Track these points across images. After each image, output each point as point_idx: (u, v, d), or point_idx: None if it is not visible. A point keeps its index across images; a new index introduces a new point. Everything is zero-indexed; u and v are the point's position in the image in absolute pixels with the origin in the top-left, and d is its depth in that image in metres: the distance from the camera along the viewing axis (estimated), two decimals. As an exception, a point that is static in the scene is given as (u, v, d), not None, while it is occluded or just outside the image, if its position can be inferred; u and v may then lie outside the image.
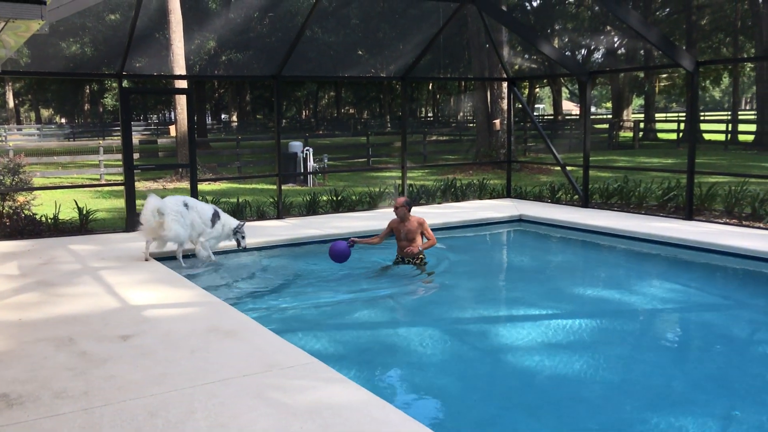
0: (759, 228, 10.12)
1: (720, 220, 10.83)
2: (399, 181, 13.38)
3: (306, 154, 18.80)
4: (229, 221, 8.42)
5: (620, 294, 7.81)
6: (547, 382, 5.20)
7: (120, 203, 13.80)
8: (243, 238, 8.35)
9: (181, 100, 19.75)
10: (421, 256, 8.42)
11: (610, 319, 6.76)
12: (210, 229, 8.28)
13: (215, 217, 8.33)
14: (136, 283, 7.27)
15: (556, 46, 31.57)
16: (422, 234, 8.44)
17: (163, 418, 3.95)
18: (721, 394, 4.98)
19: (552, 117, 48.09)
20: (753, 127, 32.14)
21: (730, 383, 5.20)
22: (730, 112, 40.66)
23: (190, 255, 8.56)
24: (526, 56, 36.08)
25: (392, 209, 8.68)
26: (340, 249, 7.93)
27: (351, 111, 67.43)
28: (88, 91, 52.90)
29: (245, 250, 8.33)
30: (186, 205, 8.30)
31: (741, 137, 31.48)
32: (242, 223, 8.51)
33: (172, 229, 7.98)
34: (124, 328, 5.65)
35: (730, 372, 5.45)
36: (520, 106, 15.21)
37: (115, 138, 38.27)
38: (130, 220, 10.62)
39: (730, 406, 4.73)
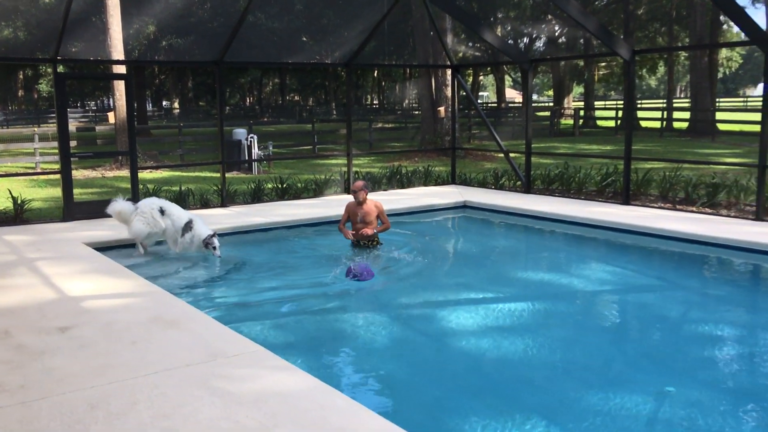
0: (692, 212, 10.49)
1: (655, 205, 11.19)
2: (345, 169, 13.36)
3: (250, 141, 18.57)
4: (200, 232, 8.14)
5: (561, 277, 8.00)
6: (491, 364, 5.31)
7: (57, 192, 13.39)
8: (215, 248, 8.07)
9: (120, 86, 19.24)
10: (375, 238, 8.61)
11: (551, 302, 6.92)
12: (180, 237, 8.17)
13: (187, 227, 8.16)
14: (75, 274, 7.08)
15: (499, 35, 31.90)
16: (377, 217, 8.63)
17: (104, 410, 3.88)
18: (657, 372, 5.16)
19: (495, 105, 48.69)
20: (687, 115, 33.21)
21: (665, 361, 5.40)
22: (665, 100, 41.88)
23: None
24: (470, 44, 36.36)
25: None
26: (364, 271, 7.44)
27: (296, 98, 66.87)
28: (21, 76, 50.99)
29: (218, 257, 8.09)
30: (162, 210, 8.30)
31: (676, 124, 32.49)
32: (212, 233, 8.18)
33: (134, 226, 8.30)
34: (62, 320, 5.51)
35: (665, 350, 5.66)
36: (464, 93, 15.34)
37: (51, 125, 37.04)
38: (67, 210, 10.32)
39: (664, 383, 4.91)
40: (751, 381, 5.08)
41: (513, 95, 70.85)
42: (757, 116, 10.96)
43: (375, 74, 57.28)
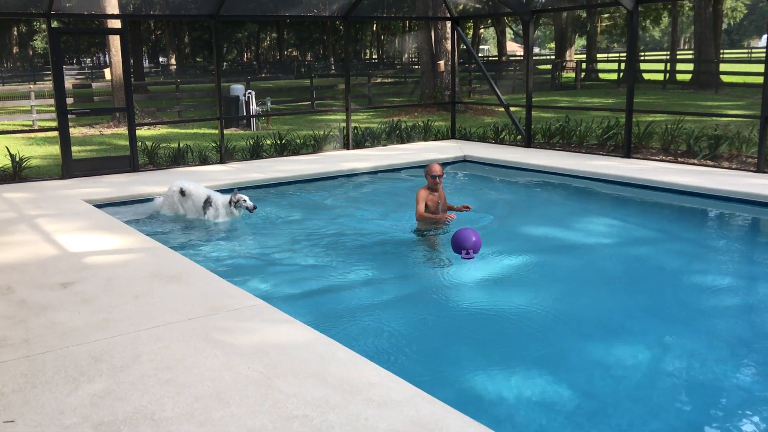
0: (693, 164, 10.45)
1: (656, 158, 11.14)
2: (344, 125, 13.27)
3: (248, 97, 18.42)
4: (218, 201, 8.13)
5: (562, 231, 8.01)
6: (491, 317, 5.34)
7: (55, 150, 13.32)
8: (245, 202, 7.99)
9: (116, 42, 19.00)
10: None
11: (552, 255, 6.94)
12: (203, 216, 8.18)
13: (206, 204, 8.17)
14: (75, 230, 7.10)
15: (500, -14, 31.33)
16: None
17: (107, 362, 3.92)
18: (655, 323, 5.20)
19: (496, 58, 48.11)
20: (690, 67, 32.83)
21: (664, 312, 5.44)
22: (668, 52, 41.36)
23: None
24: (470, -5, 35.75)
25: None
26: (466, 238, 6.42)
27: (294, 53, 66.08)
28: (15, 33, 50.32)
29: (254, 209, 7.95)
30: (182, 192, 8.32)
31: (679, 77, 32.15)
32: (233, 193, 8.09)
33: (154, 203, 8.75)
34: (63, 276, 5.54)
35: (663, 302, 5.69)
36: (465, 46, 15.15)
37: (47, 82, 36.70)
38: (65, 167, 10.29)
39: (663, 334, 4.95)
40: (749, 331, 5.12)
41: (514, 48, 69.97)
42: (761, 68, 10.84)
43: (374, 28, 56.53)
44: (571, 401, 3.99)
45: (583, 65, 36.77)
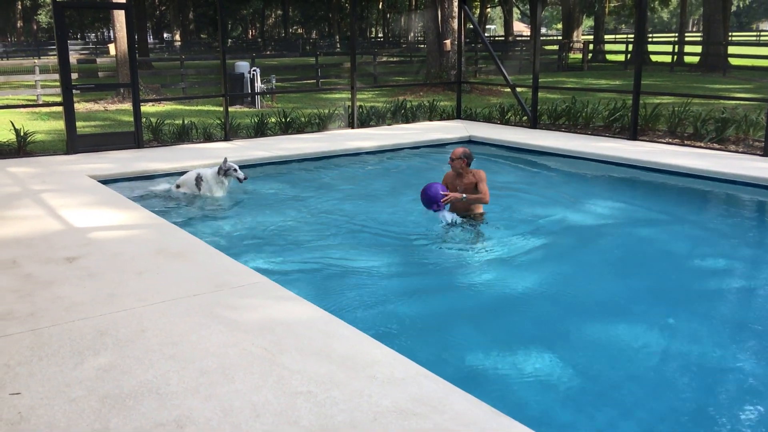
0: (699, 147, 10.41)
1: (663, 140, 11.09)
2: (349, 103, 13.21)
3: (253, 74, 18.34)
4: (208, 174, 8.27)
5: (566, 212, 7.98)
6: (493, 296, 5.35)
7: (59, 125, 13.31)
8: (235, 171, 8.13)
9: (120, 17, 18.86)
10: (473, 212, 7.15)
11: (555, 236, 6.93)
12: (199, 193, 8.27)
13: (198, 181, 8.28)
14: (80, 206, 7.10)
15: (508, -36, 30.99)
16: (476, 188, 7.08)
17: (112, 336, 3.94)
18: (659, 305, 5.21)
19: (503, 38, 47.77)
20: (699, 49, 32.55)
21: (667, 294, 5.44)
22: (677, 34, 40.97)
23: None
24: (478, -26, 35.43)
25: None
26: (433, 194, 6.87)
27: (299, 31, 65.70)
28: (20, 6, 50.08)
29: (243, 179, 8.14)
30: (178, 186, 8.39)
31: (687, 59, 31.88)
32: (223, 162, 8.21)
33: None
34: (69, 250, 5.55)
35: (667, 284, 5.69)
36: (471, 26, 15.03)
37: (51, 57, 36.56)
38: (70, 142, 10.28)
39: (665, 315, 4.96)
40: (753, 315, 5.13)
41: (521, 28, 69.46)
42: (770, 50, 10.74)
43: (380, 6, 56.10)
44: (574, 382, 4.01)
45: (591, 46, 36.50)
